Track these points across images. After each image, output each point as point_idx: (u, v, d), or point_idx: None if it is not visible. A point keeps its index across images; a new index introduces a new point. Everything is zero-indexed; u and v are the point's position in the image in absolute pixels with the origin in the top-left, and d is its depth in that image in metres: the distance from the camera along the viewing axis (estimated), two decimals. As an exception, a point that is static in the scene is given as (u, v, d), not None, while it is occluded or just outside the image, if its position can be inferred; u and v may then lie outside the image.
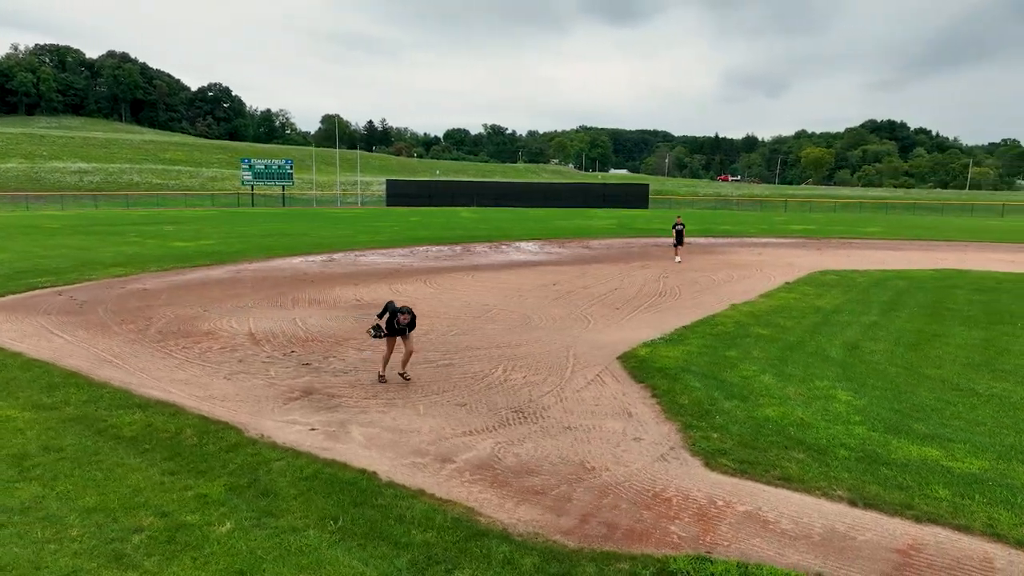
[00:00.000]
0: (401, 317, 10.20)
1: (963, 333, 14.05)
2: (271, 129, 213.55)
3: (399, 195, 76.13)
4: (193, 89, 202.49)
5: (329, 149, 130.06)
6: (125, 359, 11.90)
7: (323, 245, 31.91)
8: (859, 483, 7.19)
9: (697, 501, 6.88)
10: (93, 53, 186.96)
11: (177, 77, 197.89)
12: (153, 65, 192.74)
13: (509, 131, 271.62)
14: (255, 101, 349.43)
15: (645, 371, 11.24)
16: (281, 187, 75.30)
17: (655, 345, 12.95)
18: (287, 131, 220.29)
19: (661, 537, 6.19)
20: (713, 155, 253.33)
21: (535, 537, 6.14)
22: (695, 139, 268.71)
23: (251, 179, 73.25)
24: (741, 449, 8.06)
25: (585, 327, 14.90)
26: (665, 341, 13.30)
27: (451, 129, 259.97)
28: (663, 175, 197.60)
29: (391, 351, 10.70)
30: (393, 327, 10.32)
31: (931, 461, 7.72)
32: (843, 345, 12.96)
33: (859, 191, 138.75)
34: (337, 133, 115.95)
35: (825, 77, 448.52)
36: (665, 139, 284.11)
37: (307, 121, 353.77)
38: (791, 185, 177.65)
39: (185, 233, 37.31)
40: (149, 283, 20.26)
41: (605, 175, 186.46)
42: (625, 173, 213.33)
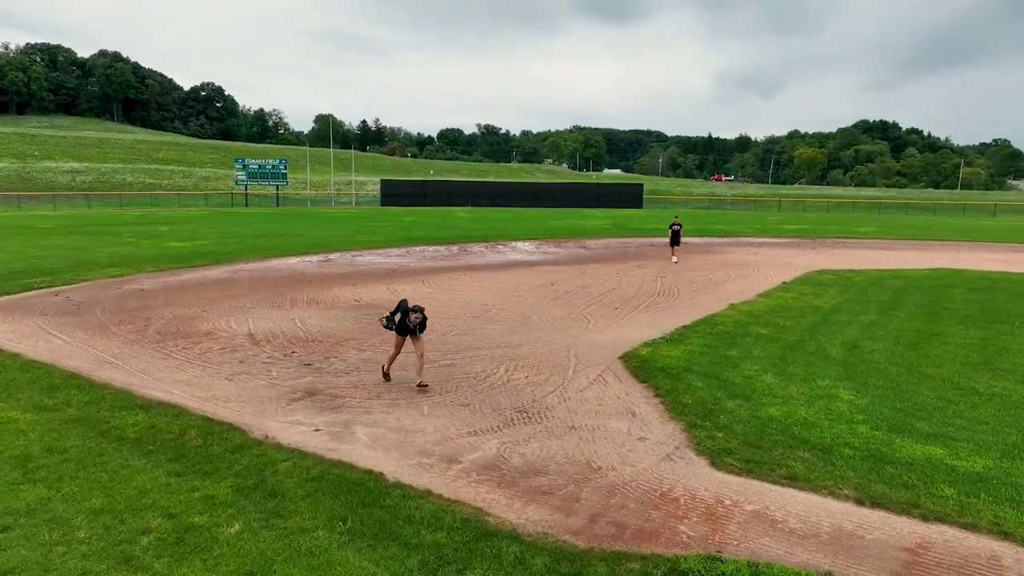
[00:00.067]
0: (413, 316, 10.05)
1: (961, 332, 14.13)
2: (264, 129, 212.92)
3: (394, 195, 76.01)
4: (185, 89, 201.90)
5: (323, 149, 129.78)
6: (125, 360, 11.84)
7: (319, 245, 31.83)
8: (865, 482, 7.21)
9: (705, 500, 6.89)
10: (84, 52, 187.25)
11: (169, 76, 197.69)
12: (145, 64, 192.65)
13: (503, 131, 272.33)
14: (248, 101, 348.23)
15: (647, 371, 11.25)
16: (275, 187, 75.13)
17: (656, 345, 12.97)
18: (280, 131, 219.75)
19: (671, 537, 6.19)
20: (707, 155, 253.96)
21: (545, 537, 6.14)
22: (688, 139, 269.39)
23: (245, 179, 73.08)
24: (746, 448, 8.08)
25: (585, 327, 14.91)
26: (666, 341, 13.32)
27: (445, 129, 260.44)
28: (657, 175, 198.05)
29: (398, 351, 10.60)
30: (404, 326, 10.19)
31: (935, 460, 7.76)
32: (843, 344, 13.01)
33: (852, 191, 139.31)
34: (331, 133, 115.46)
35: (818, 78, 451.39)
36: (659, 139, 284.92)
37: (300, 121, 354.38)
38: (784, 185, 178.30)
39: (180, 233, 37.15)
40: (145, 284, 20.17)
41: (599, 175, 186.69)
42: (619, 173, 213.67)
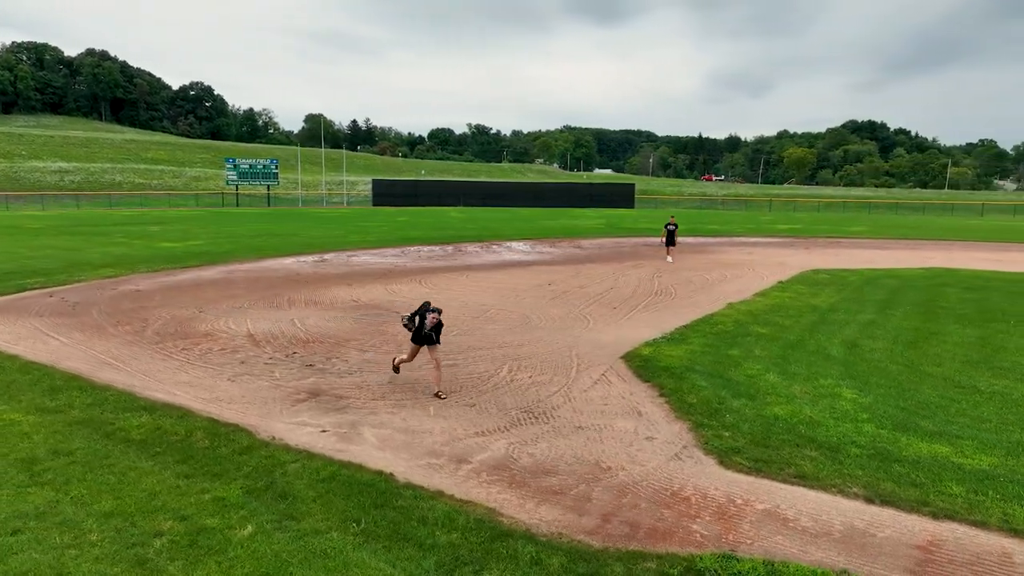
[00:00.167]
0: (430, 316, 9.89)
1: (959, 331, 14.24)
2: (254, 128, 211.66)
3: (385, 195, 75.82)
4: (174, 88, 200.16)
5: (314, 149, 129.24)
6: (125, 361, 11.75)
7: (313, 245, 31.71)
8: (873, 480, 7.26)
9: (716, 499, 6.91)
10: (72, 51, 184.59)
11: (158, 76, 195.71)
12: (133, 63, 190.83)
13: (494, 131, 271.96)
14: (237, 100, 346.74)
15: (650, 370, 11.28)
16: (266, 187, 74.82)
17: (657, 344, 13.01)
18: (270, 130, 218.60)
19: (684, 536, 6.21)
20: (697, 155, 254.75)
21: (559, 537, 6.14)
22: (679, 139, 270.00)
23: (236, 179, 72.71)
24: (754, 447, 8.11)
25: (585, 327, 14.93)
26: (667, 340, 13.36)
27: (435, 129, 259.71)
28: (647, 175, 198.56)
29: (412, 357, 10.47)
30: (420, 332, 10.02)
31: (941, 458, 7.82)
32: (843, 343, 13.09)
33: (842, 191, 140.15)
34: (323, 132, 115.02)
35: (807, 78, 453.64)
36: (649, 139, 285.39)
37: (290, 120, 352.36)
38: (774, 185, 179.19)
39: (172, 233, 36.91)
40: (141, 284, 20.02)
41: (590, 175, 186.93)
42: (610, 173, 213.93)
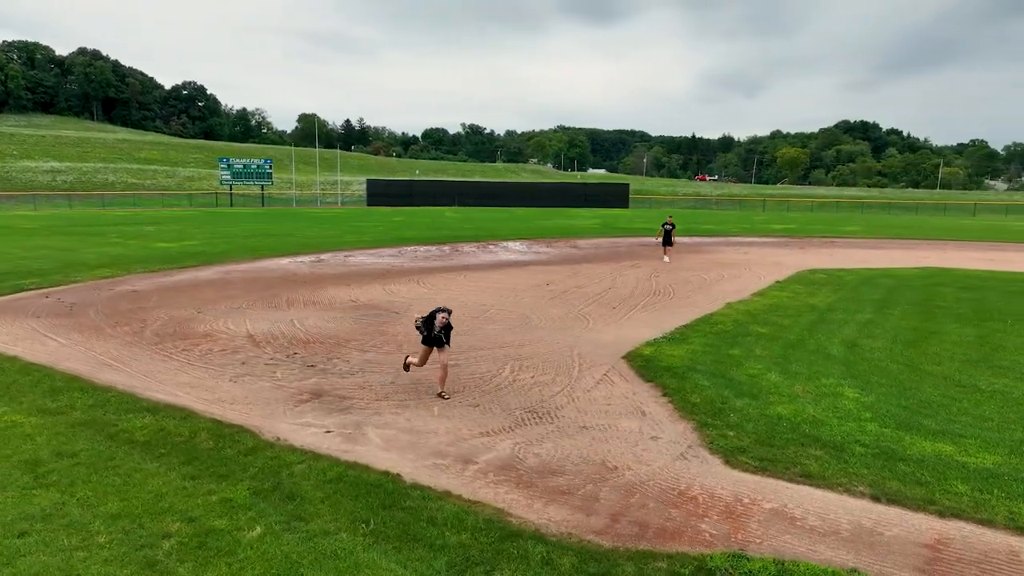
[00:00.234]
0: (440, 316, 9.85)
1: (957, 330, 14.32)
2: (247, 128, 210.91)
3: (380, 195, 75.70)
4: (167, 87, 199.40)
5: (307, 148, 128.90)
6: (125, 362, 11.69)
7: (310, 245, 31.63)
8: (879, 479, 7.29)
9: (723, 499, 6.93)
10: (63, 50, 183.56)
11: (150, 75, 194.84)
12: (125, 63, 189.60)
13: (487, 131, 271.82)
14: (230, 100, 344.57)
15: (652, 370, 11.30)
16: (260, 187, 74.56)
17: (658, 344, 13.03)
18: (263, 130, 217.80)
19: (693, 535, 6.22)
20: (690, 155, 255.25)
21: (569, 537, 6.14)
22: (672, 139, 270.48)
23: (230, 179, 72.40)
24: (759, 447, 8.14)
25: (585, 326, 14.94)
26: (668, 340, 13.38)
27: (429, 128, 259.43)
28: (641, 175, 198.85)
29: (423, 361, 10.42)
30: (431, 333, 9.98)
31: (945, 456, 7.86)
32: (843, 343, 13.14)
33: (835, 191, 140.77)
34: (317, 132, 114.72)
35: (800, 78, 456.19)
36: (642, 139, 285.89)
37: (283, 120, 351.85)
38: (767, 185, 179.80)
39: (167, 234, 36.75)
40: (137, 285, 19.92)
41: (584, 175, 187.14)
42: (603, 173, 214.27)
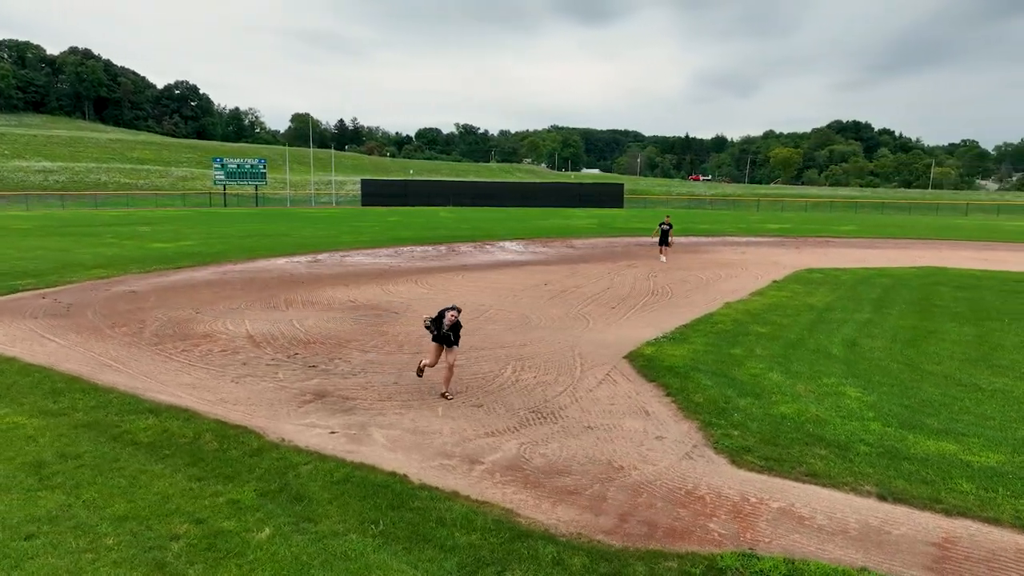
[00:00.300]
0: (449, 314, 9.80)
1: (956, 330, 14.39)
2: (240, 128, 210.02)
3: (375, 195, 75.57)
4: (159, 87, 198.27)
5: (301, 148, 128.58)
6: (125, 363, 11.63)
7: (306, 245, 31.54)
8: (884, 478, 7.32)
9: (730, 498, 6.94)
10: (54, 49, 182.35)
11: (142, 75, 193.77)
12: (117, 62, 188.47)
13: (481, 131, 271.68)
14: (223, 99, 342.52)
15: (654, 370, 11.31)
16: (254, 187, 74.33)
17: (660, 344, 13.05)
18: (256, 130, 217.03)
19: (702, 535, 6.23)
20: (684, 155, 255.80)
21: (578, 537, 6.14)
22: (666, 139, 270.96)
23: (224, 178, 72.14)
24: (764, 446, 8.16)
25: (585, 326, 14.95)
26: (668, 340, 13.40)
27: (423, 128, 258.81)
28: (635, 175, 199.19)
29: (435, 359, 10.32)
30: (440, 331, 9.92)
31: (949, 455, 7.90)
32: (843, 342, 13.19)
33: (828, 191, 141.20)
34: (311, 132, 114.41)
35: (792, 78, 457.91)
36: (636, 139, 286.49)
37: (276, 120, 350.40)
38: (761, 185, 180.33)
39: (162, 234, 36.58)
40: (134, 285, 19.82)
41: (578, 175, 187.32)
42: (597, 173, 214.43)
